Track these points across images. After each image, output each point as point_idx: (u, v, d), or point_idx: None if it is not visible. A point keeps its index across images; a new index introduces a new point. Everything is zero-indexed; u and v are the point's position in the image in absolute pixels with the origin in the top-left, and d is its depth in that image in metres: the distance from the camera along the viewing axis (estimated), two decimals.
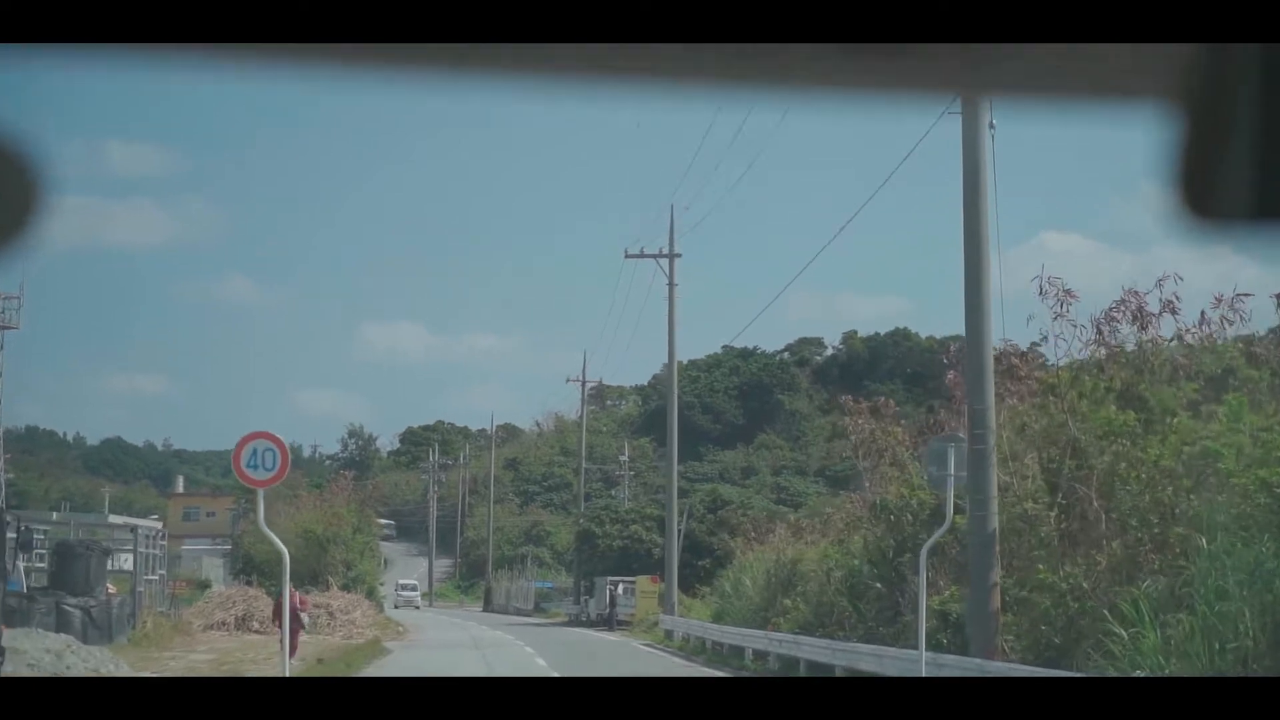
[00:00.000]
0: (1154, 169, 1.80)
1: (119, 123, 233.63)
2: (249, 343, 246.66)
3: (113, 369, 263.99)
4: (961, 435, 23.52)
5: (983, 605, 23.37)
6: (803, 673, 33.48)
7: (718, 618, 47.69)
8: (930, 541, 23.45)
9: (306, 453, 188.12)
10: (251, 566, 75.87)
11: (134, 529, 46.05)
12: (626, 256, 60.06)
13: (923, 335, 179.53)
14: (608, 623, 69.43)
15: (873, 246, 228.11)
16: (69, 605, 33.68)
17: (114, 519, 56.90)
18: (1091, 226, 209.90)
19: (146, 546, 45.32)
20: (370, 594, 74.10)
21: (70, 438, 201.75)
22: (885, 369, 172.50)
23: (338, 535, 73.25)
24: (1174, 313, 25.55)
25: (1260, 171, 1.70)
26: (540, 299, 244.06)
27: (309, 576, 69.09)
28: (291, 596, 38.95)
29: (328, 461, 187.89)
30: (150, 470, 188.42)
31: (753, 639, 39.48)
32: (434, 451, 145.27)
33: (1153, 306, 25.62)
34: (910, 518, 29.70)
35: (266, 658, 35.46)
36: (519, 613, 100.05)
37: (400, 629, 63.89)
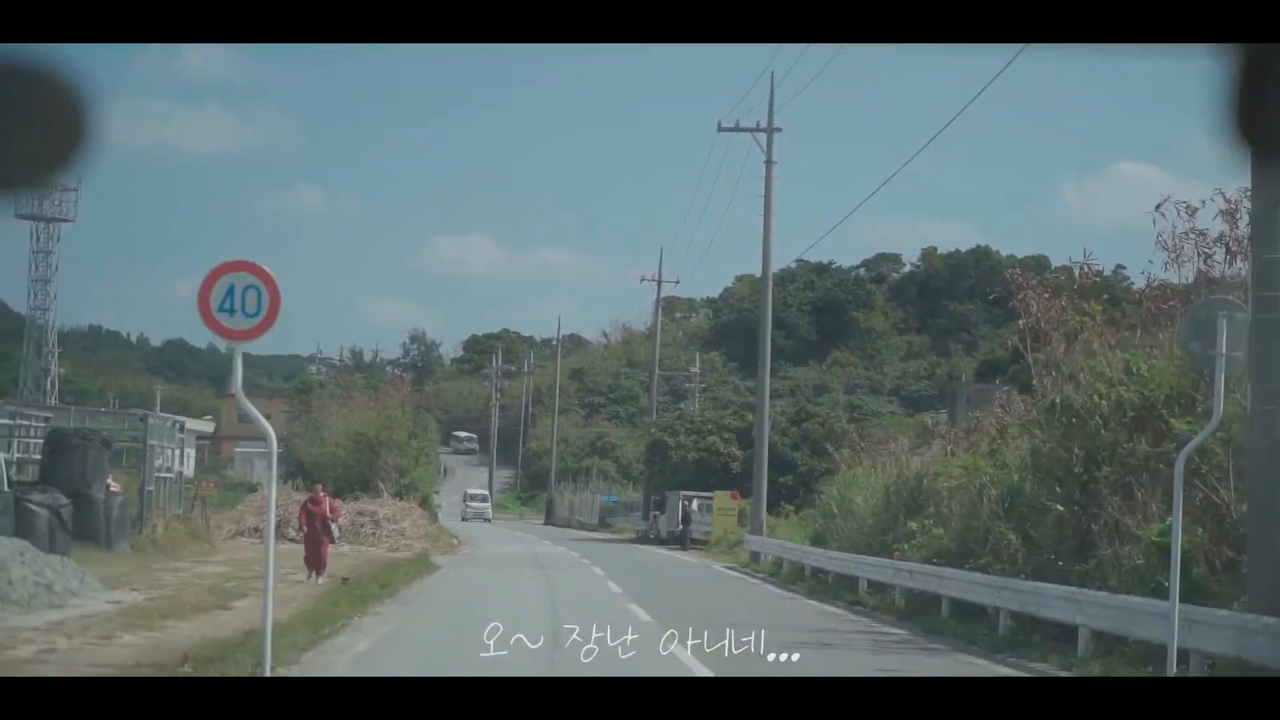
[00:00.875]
0: (1215, 102, 1.89)
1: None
2: (318, 251, 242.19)
3: (181, 273, 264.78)
4: (1234, 299, 16.60)
5: (1269, 538, 16.44)
6: (944, 614, 26.92)
7: (818, 540, 41.09)
8: (1193, 443, 16.59)
9: (367, 357, 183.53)
10: (301, 470, 73.13)
11: (144, 417, 39.65)
12: (719, 130, 53.12)
13: (1003, 254, 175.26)
14: (680, 541, 63.12)
15: (949, 173, 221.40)
16: (32, 503, 27.39)
17: (137, 413, 50.46)
18: (1167, 159, 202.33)
19: (160, 439, 38.95)
20: (425, 503, 68.26)
21: (134, 338, 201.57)
22: (965, 288, 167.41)
23: (391, 439, 67.30)
24: None
25: None
26: (612, 208, 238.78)
27: (359, 482, 63.86)
28: (321, 502, 33.15)
29: (388, 366, 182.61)
30: (212, 372, 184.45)
31: (871, 568, 32.92)
32: (497, 357, 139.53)
33: None
34: (1100, 420, 22.85)
35: (285, 574, 29.18)
36: (583, 527, 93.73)
37: (455, 541, 57.86)
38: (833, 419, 72.64)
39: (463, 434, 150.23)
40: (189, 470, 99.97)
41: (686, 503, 64.61)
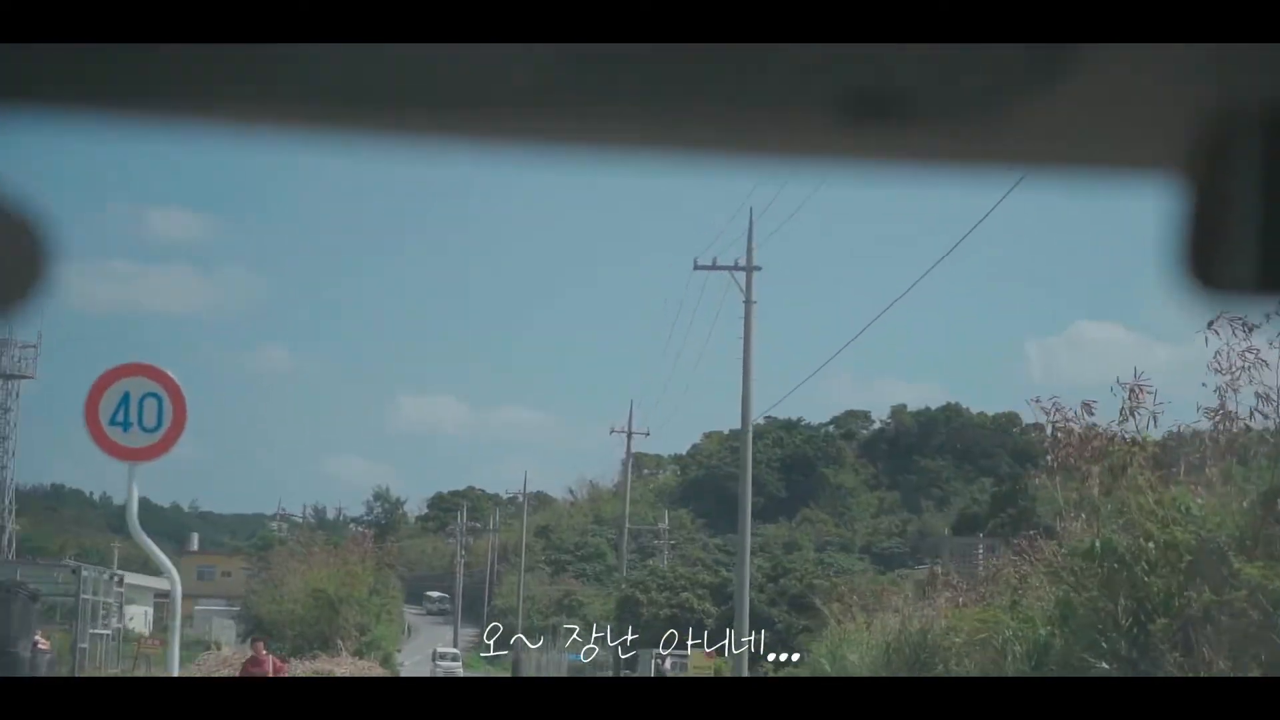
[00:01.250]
0: (1163, 241, 1.89)
1: (158, 188, 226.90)
2: (284, 410, 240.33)
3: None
4: None
5: None
6: None
7: None
8: None
9: (331, 514, 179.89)
10: (259, 628, 71.12)
11: (75, 569, 36.47)
12: (695, 269, 51.36)
13: (974, 411, 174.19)
14: None
15: (914, 329, 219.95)
16: None
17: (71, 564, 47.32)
18: (1130, 316, 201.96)
19: (95, 592, 35.77)
20: (386, 662, 64.99)
21: (96, 496, 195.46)
22: (936, 444, 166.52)
23: (351, 596, 64.29)
24: None
25: (1265, 243, 1.76)
26: (580, 363, 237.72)
27: (318, 640, 60.78)
28: (262, 662, 30.13)
29: (351, 524, 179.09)
30: (174, 531, 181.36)
31: None
32: (462, 513, 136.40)
33: None
34: (1147, 566, 20.12)
35: None
36: None
37: None
38: (811, 574, 69.91)
39: (435, 594, 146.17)
40: (146, 627, 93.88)
41: (659, 660, 61.12)
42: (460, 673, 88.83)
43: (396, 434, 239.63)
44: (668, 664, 60.55)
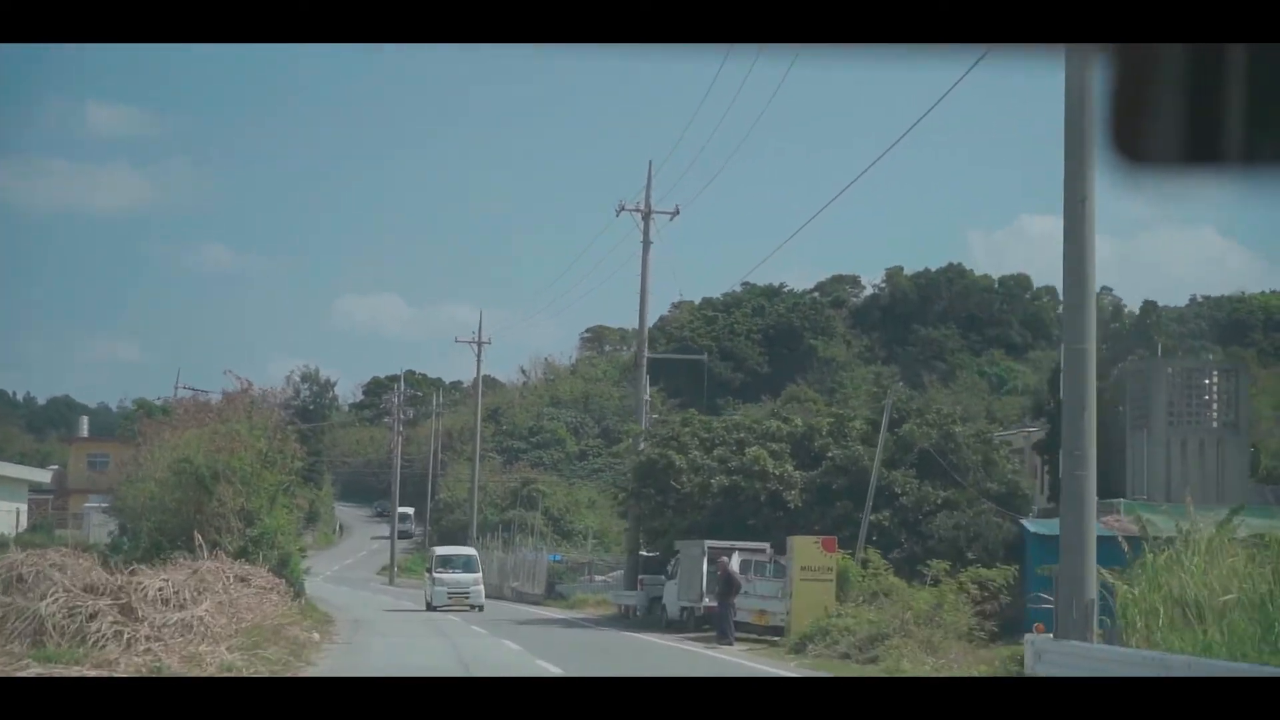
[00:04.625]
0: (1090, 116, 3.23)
1: (99, 84, 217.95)
2: (224, 310, 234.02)
3: (93, 334, 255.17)
4: None
5: None
6: None
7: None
8: None
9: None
10: (126, 529, 52.53)
11: None
12: (619, 212, 56.65)
13: (978, 273, 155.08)
14: (719, 628, 37.07)
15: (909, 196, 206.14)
16: None
17: None
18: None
19: None
20: (286, 566, 43.77)
21: (20, 397, 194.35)
22: (938, 311, 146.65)
23: (229, 467, 42.68)
24: None
25: (1189, 117, 1.70)
26: (533, 259, 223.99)
27: (183, 535, 39.95)
28: None
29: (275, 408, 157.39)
30: (95, 427, 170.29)
31: None
32: (399, 387, 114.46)
33: None
34: None
35: None
36: (523, 598, 67.67)
37: (317, 636, 33.49)
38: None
39: (403, 510, 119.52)
40: (12, 530, 77.62)
41: (725, 559, 38.24)
42: (481, 595, 55.57)
43: (334, 332, 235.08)
44: (735, 560, 38.02)
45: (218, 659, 22.18)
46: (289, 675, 22.94)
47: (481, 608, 52.60)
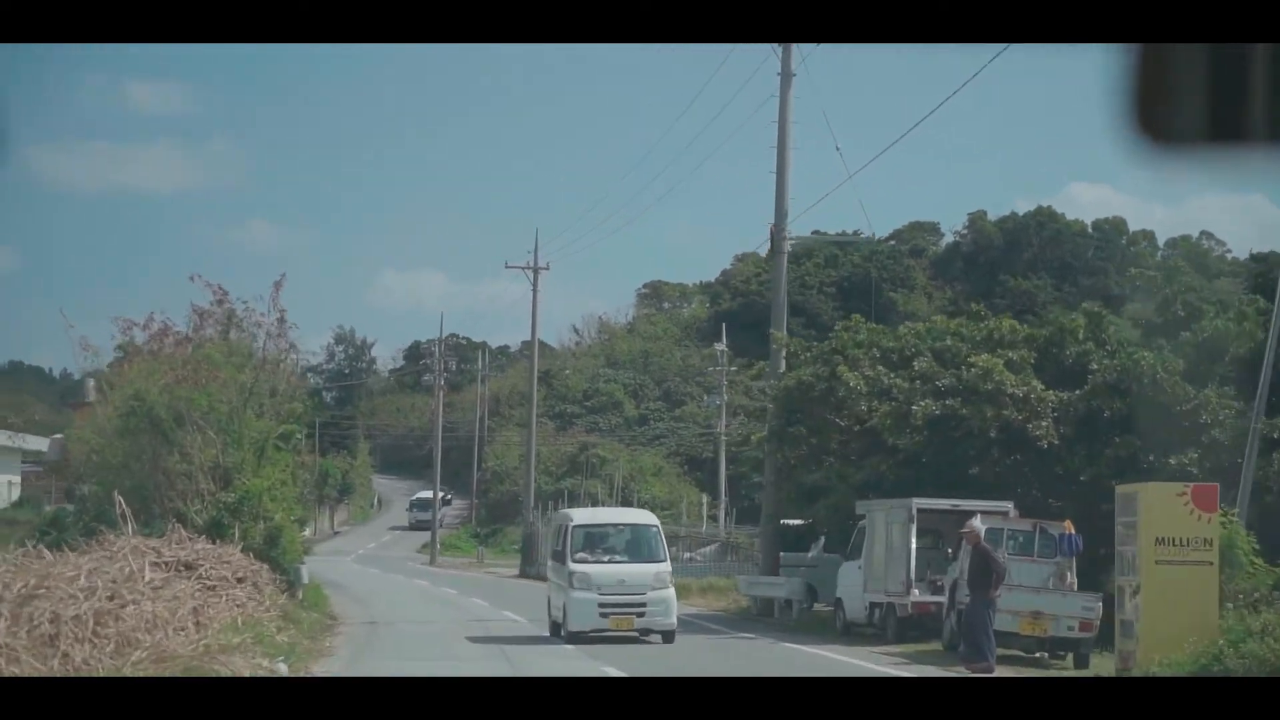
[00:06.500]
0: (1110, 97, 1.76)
1: (137, 64, 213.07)
2: (267, 286, 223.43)
3: (140, 313, 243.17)
4: None
5: None
6: None
7: None
8: None
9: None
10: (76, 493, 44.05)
11: None
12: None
13: (1069, 218, 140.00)
14: (970, 640, 23.39)
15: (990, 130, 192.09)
16: None
17: None
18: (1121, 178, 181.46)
19: None
20: (273, 547, 31.71)
21: (57, 374, 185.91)
22: (1026, 259, 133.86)
23: (200, 408, 31.00)
24: None
25: (1211, 95, 1.72)
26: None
27: (137, 499, 30.22)
28: None
29: (308, 374, 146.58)
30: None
31: None
32: (439, 347, 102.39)
33: None
34: None
35: None
36: None
37: (313, 647, 21.46)
38: None
39: (424, 496, 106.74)
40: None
41: (972, 524, 24.31)
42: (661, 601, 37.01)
43: (375, 307, 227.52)
44: (980, 523, 23.12)
45: None
46: (296, 676, 20.87)
47: (671, 636, 29.14)
